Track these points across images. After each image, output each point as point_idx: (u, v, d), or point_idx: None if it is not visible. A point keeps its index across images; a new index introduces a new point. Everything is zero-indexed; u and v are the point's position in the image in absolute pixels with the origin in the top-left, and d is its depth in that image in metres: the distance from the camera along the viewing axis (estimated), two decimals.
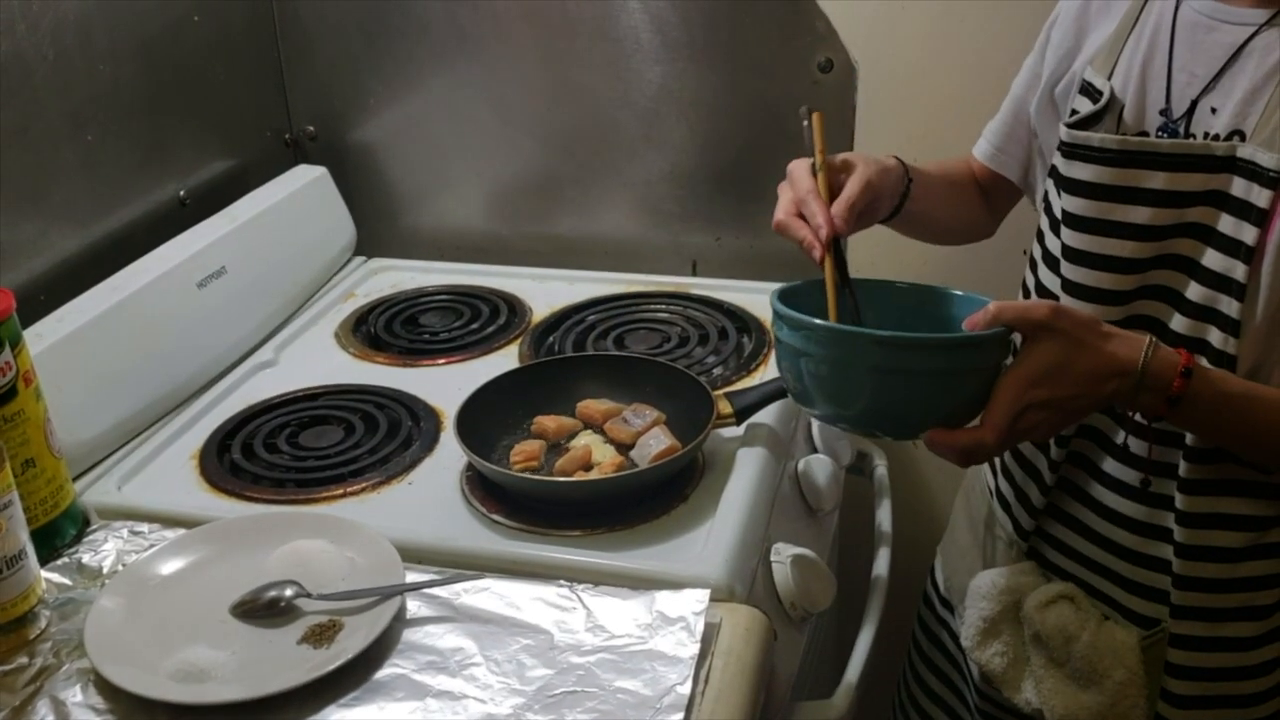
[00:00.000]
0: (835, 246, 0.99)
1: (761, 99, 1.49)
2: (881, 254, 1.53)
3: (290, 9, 1.59)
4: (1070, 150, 0.97)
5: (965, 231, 1.26)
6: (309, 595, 0.94)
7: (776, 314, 0.94)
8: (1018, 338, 0.90)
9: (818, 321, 0.91)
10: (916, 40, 1.43)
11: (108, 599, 0.94)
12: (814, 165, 1.02)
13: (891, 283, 1.05)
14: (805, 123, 1.04)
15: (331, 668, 0.85)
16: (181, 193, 1.44)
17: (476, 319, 1.45)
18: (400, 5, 1.55)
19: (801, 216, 1.00)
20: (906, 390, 0.90)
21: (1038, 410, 0.87)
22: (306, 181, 1.57)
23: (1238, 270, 0.89)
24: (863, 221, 1.05)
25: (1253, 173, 0.88)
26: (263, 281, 1.43)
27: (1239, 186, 0.89)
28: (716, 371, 1.29)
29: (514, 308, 1.47)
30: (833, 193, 1.01)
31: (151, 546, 1.01)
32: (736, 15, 1.46)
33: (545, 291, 1.52)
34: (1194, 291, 0.93)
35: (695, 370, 1.24)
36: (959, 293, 1.01)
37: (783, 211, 1.02)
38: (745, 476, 1.09)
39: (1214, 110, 0.91)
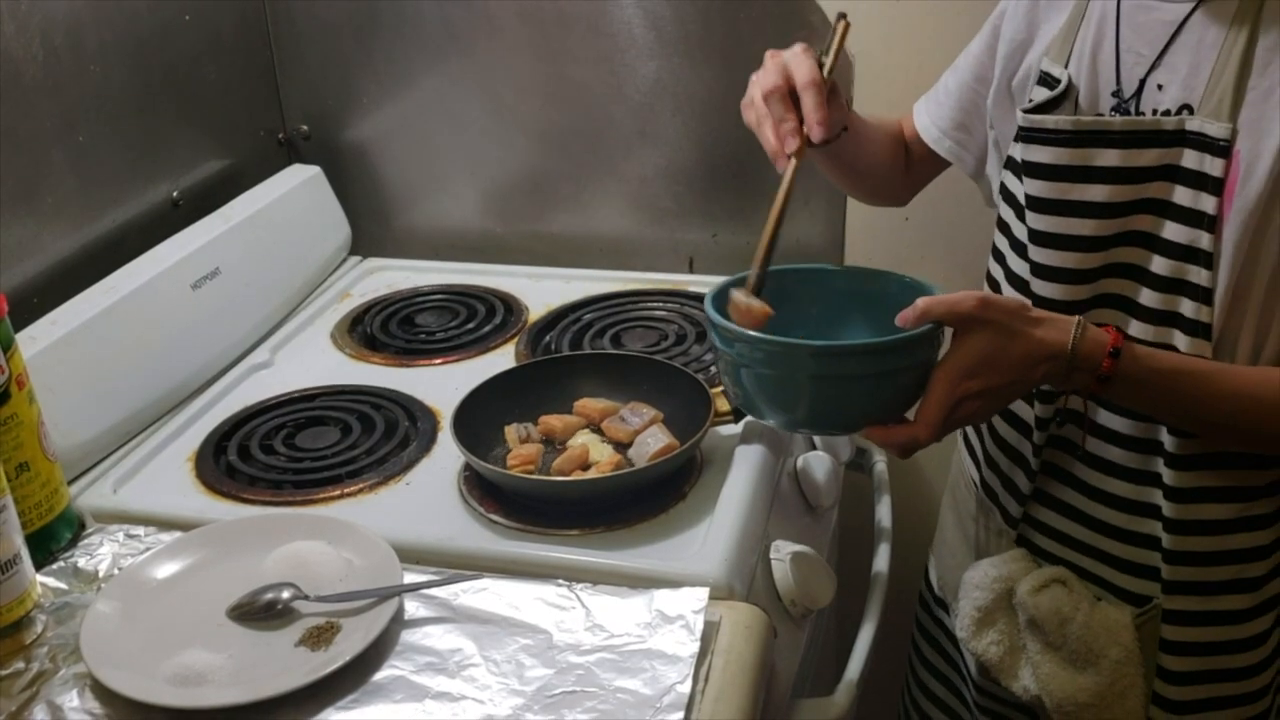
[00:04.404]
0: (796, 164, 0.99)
1: None
2: (878, 247, 1.53)
3: (283, 8, 1.59)
4: (1028, 135, 0.99)
5: (882, 188, 1.27)
6: (306, 597, 0.93)
7: (711, 324, 0.98)
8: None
9: (752, 334, 0.94)
10: (913, 33, 1.43)
11: (104, 603, 0.93)
12: (821, 61, 1.00)
13: (827, 268, 1.11)
14: (840, 22, 1.04)
15: (329, 670, 0.85)
16: (175, 193, 1.43)
17: (473, 318, 1.44)
18: (393, 3, 1.55)
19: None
20: (844, 392, 0.94)
21: (972, 400, 0.91)
22: (300, 181, 1.56)
23: (1203, 240, 0.91)
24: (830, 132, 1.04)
25: (1203, 144, 0.90)
26: (257, 282, 1.42)
27: (1191, 158, 0.92)
28: (714, 369, 1.28)
29: (510, 307, 1.47)
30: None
31: (147, 550, 1.00)
32: (731, 9, 1.45)
33: (541, 290, 1.51)
34: (1159, 265, 0.95)
35: (692, 368, 1.23)
36: (893, 274, 1.05)
37: (766, 86, 0.98)
38: (744, 474, 1.08)
39: (1160, 87, 0.94)
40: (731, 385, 1.00)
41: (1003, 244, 1.08)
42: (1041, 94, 1.00)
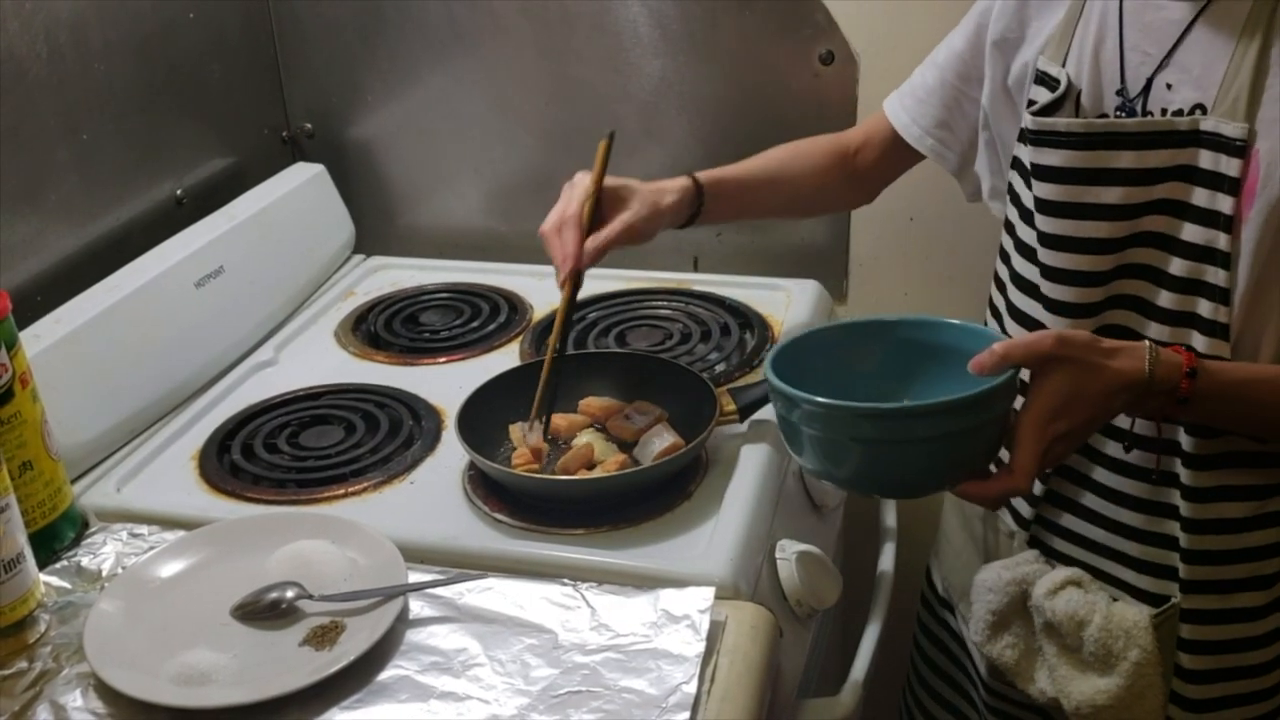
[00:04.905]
0: (576, 277, 1.09)
1: (762, 92, 1.49)
2: (882, 247, 1.53)
3: (287, 6, 1.58)
4: (1038, 137, 0.98)
5: (822, 206, 1.32)
6: (310, 596, 0.93)
7: (769, 384, 0.93)
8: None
9: (808, 398, 0.88)
10: (918, 31, 1.42)
11: (107, 602, 0.93)
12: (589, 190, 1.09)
13: (884, 319, 1.03)
14: (601, 142, 1.11)
15: (334, 670, 0.85)
16: (178, 191, 1.43)
17: (477, 317, 1.44)
18: (397, 2, 1.54)
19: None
20: (910, 456, 0.88)
21: (1060, 442, 0.88)
22: (304, 179, 1.56)
23: (1220, 240, 0.91)
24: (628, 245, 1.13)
25: (1218, 144, 0.90)
26: (261, 280, 1.42)
27: (1206, 159, 0.91)
28: (719, 368, 1.28)
29: (514, 305, 1.46)
30: (602, 217, 1.09)
31: (151, 549, 1.00)
32: (736, 7, 1.45)
33: (545, 289, 1.50)
34: (1176, 266, 0.94)
35: (697, 367, 1.23)
36: (957, 323, 0.99)
37: (548, 223, 1.10)
38: (749, 473, 1.08)
39: (1169, 86, 0.93)
40: (789, 435, 0.94)
41: (1009, 244, 1.08)
42: (1042, 95, 0.99)
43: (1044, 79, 1.00)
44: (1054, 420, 0.87)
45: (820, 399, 0.87)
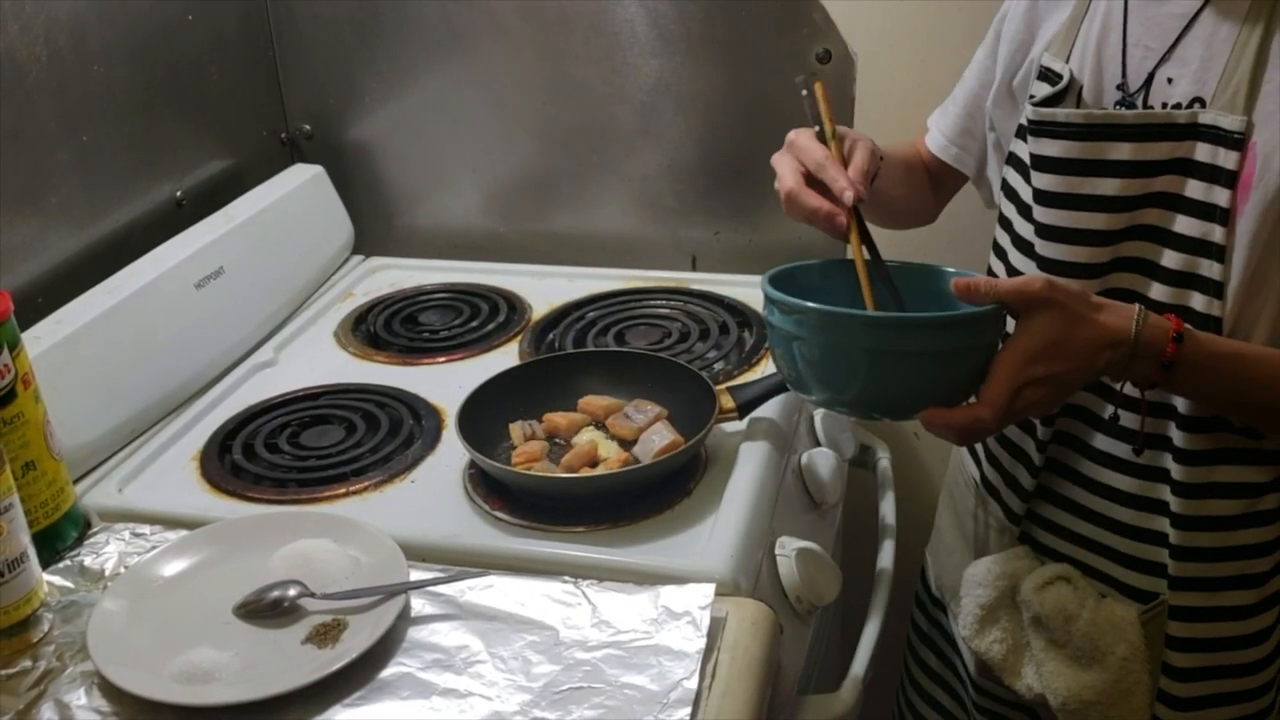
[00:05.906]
0: (858, 215, 0.99)
1: (760, 91, 1.49)
2: (880, 244, 1.53)
3: (285, 8, 1.59)
4: (1037, 128, 0.98)
5: (914, 214, 1.28)
6: (313, 595, 0.93)
7: (767, 298, 0.95)
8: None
9: (809, 305, 0.91)
10: (915, 31, 1.43)
11: (110, 601, 0.93)
12: (821, 133, 1.01)
13: (889, 264, 1.05)
14: (804, 92, 1.02)
15: (336, 667, 0.85)
16: (178, 193, 1.43)
17: (476, 317, 1.45)
18: (395, 2, 1.55)
19: (812, 188, 0.98)
20: (901, 371, 0.90)
21: (1036, 387, 0.88)
22: (303, 180, 1.56)
23: (1215, 233, 0.91)
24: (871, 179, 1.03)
25: (1216, 136, 0.90)
26: (261, 281, 1.42)
27: (1204, 151, 0.91)
28: (718, 366, 1.28)
29: (513, 305, 1.47)
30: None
31: (153, 548, 1.00)
32: (733, 7, 1.45)
33: (544, 288, 1.51)
34: (1170, 259, 0.95)
35: (696, 365, 1.23)
36: (956, 272, 1.00)
37: (792, 180, 0.98)
38: (748, 470, 1.08)
39: (1170, 80, 0.94)
40: (785, 363, 0.96)
41: (1004, 240, 1.08)
42: (1043, 89, 1.00)
43: (1046, 74, 1.01)
44: (1033, 362, 0.87)
45: (820, 306, 0.91)
